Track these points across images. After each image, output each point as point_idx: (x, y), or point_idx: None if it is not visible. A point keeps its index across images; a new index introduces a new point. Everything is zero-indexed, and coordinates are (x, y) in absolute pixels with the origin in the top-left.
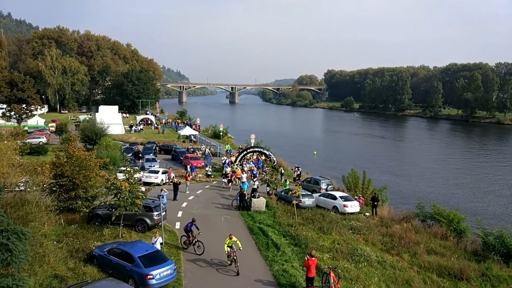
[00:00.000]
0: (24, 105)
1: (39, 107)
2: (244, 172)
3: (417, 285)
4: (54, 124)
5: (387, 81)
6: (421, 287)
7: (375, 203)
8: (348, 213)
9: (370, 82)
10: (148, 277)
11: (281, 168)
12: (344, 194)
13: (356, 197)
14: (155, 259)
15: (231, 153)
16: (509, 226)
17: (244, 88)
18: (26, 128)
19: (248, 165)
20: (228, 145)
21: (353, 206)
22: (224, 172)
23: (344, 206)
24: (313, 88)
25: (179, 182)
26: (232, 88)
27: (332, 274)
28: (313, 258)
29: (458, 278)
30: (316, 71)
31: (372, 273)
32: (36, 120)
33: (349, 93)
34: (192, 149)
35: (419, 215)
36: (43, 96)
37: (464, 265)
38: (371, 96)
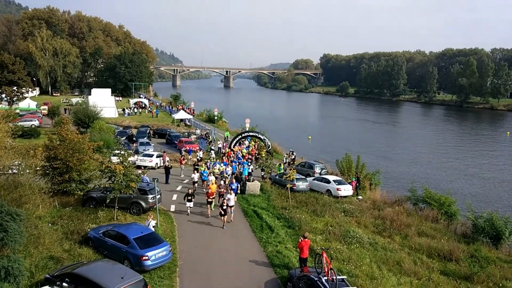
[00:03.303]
0: (15, 88)
1: (30, 89)
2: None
3: (408, 266)
4: (46, 107)
5: (382, 66)
6: (411, 268)
7: (357, 184)
8: (341, 196)
9: (365, 67)
10: (144, 258)
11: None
12: (338, 178)
13: (349, 180)
14: (150, 240)
15: (220, 145)
16: (499, 210)
17: (239, 72)
18: (17, 111)
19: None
20: (228, 133)
21: (346, 190)
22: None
23: (338, 189)
24: (308, 73)
25: (171, 166)
26: (226, 72)
27: (324, 255)
28: (306, 240)
29: (448, 259)
30: (312, 56)
31: (364, 254)
32: (27, 103)
33: (344, 78)
34: (186, 133)
35: (411, 198)
36: (34, 79)
37: (453, 247)
38: (367, 81)
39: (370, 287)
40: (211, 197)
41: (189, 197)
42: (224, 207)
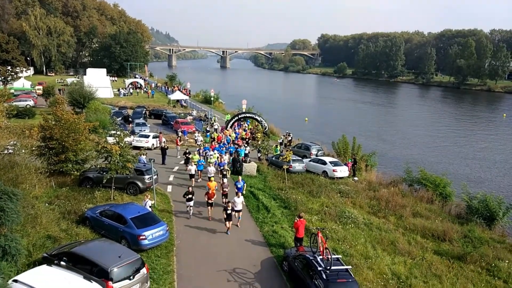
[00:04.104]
0: (9, 67)
1: (24, 69)
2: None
3: (402, 246)
4: (40, 87)
5: (381, 46)
6: (405, 248)
7: (354, 165)
8: (337, 177)
9: (363, 48)
10: (141, 237)
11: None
12: (334, 159)
13: (346, 161)
14: (147, 220)
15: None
16: (494, 191)
17: (236, 52)
18: (12, 90)
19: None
20: (229, 115)
21: (342, 171)
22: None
23: (334, 171)
24: (306, 53)
25: (167, 147)
26: (223, 52)
27: (320, 235)
28: (302, 220)
29: (441, 240)
30: (310, 36)
31: (359, 234)
32: (22, 83)
33: (342, 59)
34: (182, 114)
35: (407, 179)
36: (28, 58)
37: (447, 227)
38: (365, 62)
39: (364, 266)
40: (212, 198)
41: (189, 196)
42: (229, 211)
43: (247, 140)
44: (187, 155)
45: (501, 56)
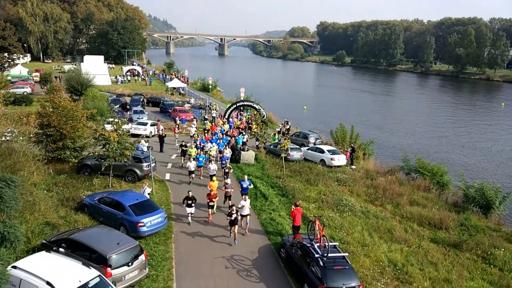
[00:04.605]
0: (6, 54)
1: (21, 56)
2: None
3: (398, 234)
4: (38, 74)
5: (380, 34)
6: (402, 235)
7: (352, 154)
8: (335, 166)
9: (363, 36)
10: (139, 224)
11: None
12: (332, 148)
13: (345, 150)
14: (146, 207)
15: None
16: (490, 180)
17: (234, 39)
18: (9, 77)
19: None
20: (230, 105)
21: (340, 160)
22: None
23: (331, 159)
24: (305, 41)
25: (165, 134)
26: (221, 39)
27: (317, 222)
28: (299, 208)
29: (438, 228)
30: (309, 23)
31: (356, 222)
32: (19, 70)
33: (341, 47)
34: (180, 102)
35: (404, 168)
36: (25, 45)
37: (444, 216)
38: (363, 50)
39: (361, 253)
40: (213, 200)
41: (189, 201)
42: (234, 216)
43: (241, 130)
44: (183, 147)
45: (500, 45)
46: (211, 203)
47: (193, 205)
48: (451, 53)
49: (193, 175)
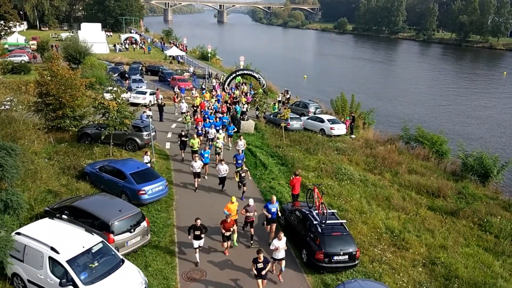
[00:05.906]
0: (2, 22)
1: (18, 23)
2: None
3: (396, 201)
4: (35, 42)
5: (382, 1)
6: (399, 203)
7: (352, 123)
8: (334, 135)
9: (364, 2)
10: (140, 192)
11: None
12: (332, 117)
13: (345, 119)
14: (147, 175)
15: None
16: (490, 149)
17: (233, 6)
18: (6, 46)
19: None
20: (239, 78)
21: (339, 129)
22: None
23: (331, 128)
24: (306, 8)
25: (165, 103)
26: (220, 6)
27: (316, 190)
28: (298, 177)
29: (436, 196)
30: None
31: (354, 190)
32: (16, 38)
33: (343, 14)
34: (179, 71)
35: (404, 137)
36: (20, 12)
37: (442, 184)
38: (365, 18)
39: (359, 220)
40: (230, 229)
41: (197, 232)
42: (260, 265)
43: (229, 104)
44: (182, 138)
45: (504, 13)
46: (226, 233)
47: (202, 236)
48: (454, 20)
49: (199, 179)
